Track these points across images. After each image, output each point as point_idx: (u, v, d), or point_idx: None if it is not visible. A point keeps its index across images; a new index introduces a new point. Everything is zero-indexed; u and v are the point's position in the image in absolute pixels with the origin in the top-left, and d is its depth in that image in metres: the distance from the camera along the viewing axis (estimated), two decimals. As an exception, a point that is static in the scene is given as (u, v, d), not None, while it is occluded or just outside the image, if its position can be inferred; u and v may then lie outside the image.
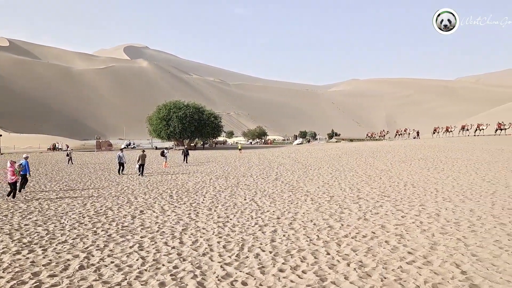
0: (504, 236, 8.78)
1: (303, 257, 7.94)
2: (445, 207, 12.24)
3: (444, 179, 18.56)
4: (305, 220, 11.22)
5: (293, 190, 17.27)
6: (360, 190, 16.41)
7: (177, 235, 9.97)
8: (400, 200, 13.81)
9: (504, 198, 13.28)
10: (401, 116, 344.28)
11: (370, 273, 6.90)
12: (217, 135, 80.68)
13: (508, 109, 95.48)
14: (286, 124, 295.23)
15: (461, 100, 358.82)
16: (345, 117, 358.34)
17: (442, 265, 7.13)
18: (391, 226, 10.17)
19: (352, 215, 11.73)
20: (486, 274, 6.60)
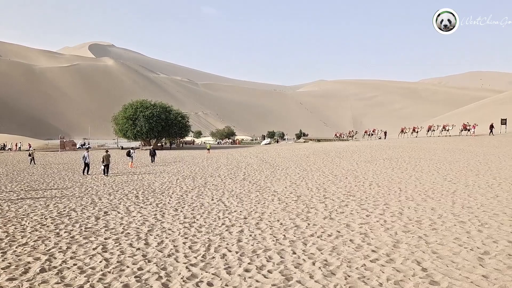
0: (464, 233, 9.05)
1: (269, 256, 7.97)
2: (408, 206, 12.52)
3: (407, 178, 18.99)
4: (272, 220, 11.27)
5: (261, 190, 17.32)
6: (327, 190, 16.60)
7: (142, 236, 9.84)
8: (365, 199, 14.04)
9: (464, 197, 13.69)
10: (367, 117, 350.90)
11: (335, 271, 6.99)
12: (185, 135, 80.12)
13: (469, 110, 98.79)
14: (255, 124, 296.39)
15: (424, 101, 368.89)
16: (312, 117, 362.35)
17: (404, 262, 7.29)
18: (356, 225, 10.33)
19: (318, 214, 11.86)
20: (445, 271, 6.79)
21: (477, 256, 7.42)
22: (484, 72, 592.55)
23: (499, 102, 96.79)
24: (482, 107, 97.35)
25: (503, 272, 6.57)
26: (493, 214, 10.82)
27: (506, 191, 14.28)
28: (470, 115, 78.11)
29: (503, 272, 6.59)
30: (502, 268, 6.78)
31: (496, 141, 38.96)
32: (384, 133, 69.22)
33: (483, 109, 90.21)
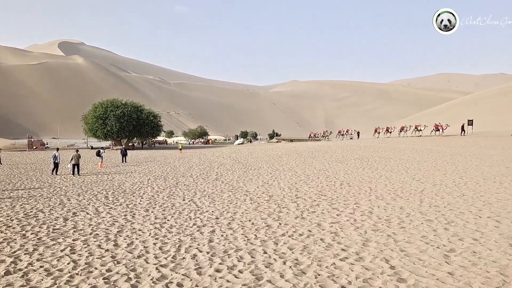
0: (430, 232, 9.26)
1: (240, 256, 7.97)
2: (377, 205, 12.72)
3: (377, 178, 19.29)
4: (244, 220, 11.27)
5: (233, 190, 17.29)
6: (299, 190, 16.70)
7: (111, 237, 9.68)
8: (336, 199, 14.19)
9: (431, 196, 14.00)
10: (339, 117, 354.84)
11: (305, 270, 7.04)
12: (157, 134, 79.23)
13: (438, 111, 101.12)
14: (228, 124, 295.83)
15: (395, 102, 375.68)
16: (285, 117, 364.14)
17: (373, 260, 7.40)
18: (327, 224, 10.43)
19: (290, 214, 11.92)
20: (412, 268, 6.92)
21: (443, 254, 7.61)
22: (451, 74, 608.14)
23: (466, 104, 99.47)
24: (450, 108, 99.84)
25: (468, 269, 6.74)
26: (459, 213, 11.10)
27: (472, 190, 14.67)
28: (439, 116, 79.95)
29: (468, 269, 6.77)
30: (467, 265, 6.96)
31: (463, 142, 40.02)
32: (357, 133, 70.08)
33: (451, 110, 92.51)
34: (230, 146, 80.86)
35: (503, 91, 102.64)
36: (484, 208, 11.52)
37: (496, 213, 10.86)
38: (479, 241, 8.36)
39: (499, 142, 36.77)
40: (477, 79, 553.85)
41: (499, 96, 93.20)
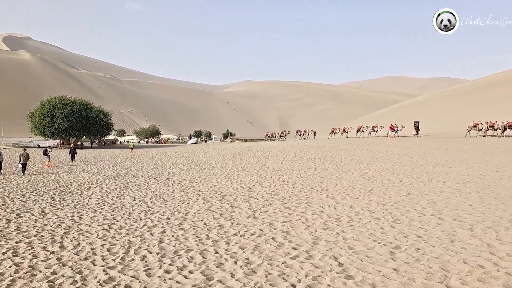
0: (378, 229, 9.53)
1: (191, 257, 7.89)
2: (328, 204, 12.97)
3: (328, 177, 19.66)
4: (196, 220, 11.17)
5: (185, 190, 17.12)
6: (252, 189, 16.76)
7: (57, 239, 9.34)
8: (288, 198, 14.34)
9: (380, 194, 14.43)
10: (293, 118, 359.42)
11: (256, 269, 7.07)
12: (107, 133, 77.29)
13: (388, 113, 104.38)
14: (181, 123, 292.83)
15: (346, 103, 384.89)
16: (239, 117, 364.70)
17: (322, 258, 7.54)
18: (279, 223, 10.52)
19: (243, 213, 11.94)
20: (360, 265, 7.10)
21: (389, 251, 7.85)
22: (400, 77, 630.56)
23: (413, 106, 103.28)
24: (399, 110, 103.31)
25: (412, 265, 6.99)
26: (405, 211, 11.50)
27: (417, 189, 15.23)
28: (388, 117, 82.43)
29: (412, 265, 7.02)
30: (411, 261, 7.21)
31: (409, 142, 41.48)
32: (313, 133, 70.98)
33: (400, 112, 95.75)
34: (184, 146, 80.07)
35: (448, 94, 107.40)
36: (428, 206, 11.98)
37: (439, 211, 11.33)
38: (422, 238, 8.69)
39: (444, 143, 38.41)
40: (423, 82, 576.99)
41: (444, 99, 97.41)
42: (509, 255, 7.35)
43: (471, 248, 7.85)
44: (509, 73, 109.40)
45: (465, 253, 7.54)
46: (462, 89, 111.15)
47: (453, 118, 69.29)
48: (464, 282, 6.20)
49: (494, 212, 10.85)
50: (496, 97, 78.24)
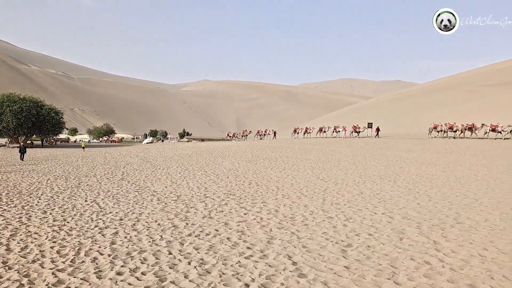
0: (331, 228, 9.73)
1: (144, 258, 7.77)
2: (283, 204, 13.10)
3: (284, 177, 19.86)
4: (150, 221, 11.00)
5: (140, 190, 16.81)
6: (208, 189, 16.68)
7: (3, 242, 8.96)
8: (244, 198, 14.38)
9: (334, 194, 14.72)
10: (250, 118, 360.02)
11: (210, 270, 7.05)
12: (58, 132, 74.69)
13: (343, 114, 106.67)
14: (136, 122, 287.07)
15: (303, 104, 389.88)
16: (196, 117, 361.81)
17: (277, 257, 7.61)
18: (234, 223, 10.53)
19: (198, 213, 11.86)
20: (313, 263, 7.23)
21: (341, 249, 8.04)
22: (354, 79, 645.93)
23: (367, 107, 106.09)
24: (353, 111, 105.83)
25: (362, 263, 7.19)
26: (357, 210, 11.80)
27: (369, 189, 15.66)
28: (344, 118, 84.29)
29: (362, 262, 7.22)
30: (362, 258, 7.42)
31: (363, 143, 42.59)
32: (274, 133, 71.39)
33: (354, 113, 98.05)
34: (139, 145, 78.62)
35: (400, 96, 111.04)
36: (379, 205, 12.35)
37: (389, 209, 11.70)
38: (373, 236, 8.95)
39: (396, 144, 39.67)
40: (376, 84, 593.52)
41: (395, 101, 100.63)
42: (454, 251, 7.70)
43: (418, 245, 8.17)
44: (454, 77, 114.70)
45: (412, 250, 7.83)
46: (413, 92, 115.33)
47: (405, 120, 71.75)
48: (411, 278, 6.44)
49: (441, 211, 11.32)
50: (445, 100, 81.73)
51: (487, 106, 67.84)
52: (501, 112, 62.05)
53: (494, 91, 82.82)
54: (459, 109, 69.94)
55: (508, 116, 54.43)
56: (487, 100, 74.79)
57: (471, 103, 75.08)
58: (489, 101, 72.97)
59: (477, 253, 7.55)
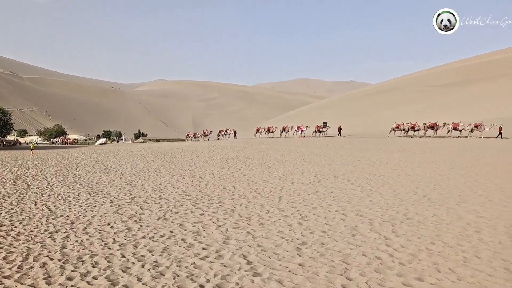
0: (286, 226, 9.84)
1: (95, 262, 7.58)
2: (240, 203, 13.12)
3: (241, 177, 19.88)
4: (102, 224, 10.73)
5: (92, 192, 16.37)
6: (163, 190, 16.46)
7: None
8: (200, 199, 14.28)
9: (289, 193, 14.88)
10: (207, 118, 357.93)
11: (164, 272, 6.97)
12: (6, 133, 71.70)
13: (299, 114, 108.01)
14: (89, 123, 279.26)
15: (259, 104, 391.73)
16: (152, 117, 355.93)
17: (232, 257, 7.62)
18: (189, 224, 10.44)
19: (152, 215, 11.68)
20: (268, 262, 7.29)
21: (296, 247, 8.14)
22: (309, 79, 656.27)
23: (322, 107, 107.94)
24: (309, 111, 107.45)
25: (316, 260, 7.32)
26: (312, 208, 11.99)
27: (324, 187, 15.95)
28: (300, 118, 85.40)
29: (316, 259, 7.34)
30: (316, 256, 7.55)
31: (318, 143, 43.31)
32: (234, 133, 71.11)
33: (310, 113, 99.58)
34: (92, 146, 76.52)
35: (353, 97, 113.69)
36: (333, 203, 12.60)
37: (343, 207, 11.96)
38: (327, 233, 9.12)
39: (350, 143, 40.58)
40: (330, 85, 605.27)
41: (349, 101, 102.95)
42: (403, 246, 7.98)
43: (370, 241, 8.40)
44: (404, 78, 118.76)
45: (364, 246, 8.05)
46: (366, 92, 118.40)
47: (358, 120, 73.50)
48: (362, 273, 6.62)
49: (391, 207, 11.69)
50: (397, 100, 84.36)
51: (436, 106, 70.71)
52: (449, 112, 64.82)
53: (441, 92, 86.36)
54: (411, 109, 72.50)
55: (455, 116, 56.93)
56: (435, 100, 77.97)
57: (420, 103, 78.01)
58: (438, 101, 76.09)
59: (424, 247, 7.86)
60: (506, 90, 78.00)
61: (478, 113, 61.06)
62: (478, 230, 8.99)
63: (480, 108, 67.78)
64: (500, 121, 44.44)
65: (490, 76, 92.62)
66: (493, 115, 56.12)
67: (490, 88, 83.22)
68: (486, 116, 55.05)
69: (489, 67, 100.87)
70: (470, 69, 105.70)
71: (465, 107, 70.04)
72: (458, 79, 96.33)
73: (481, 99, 75.99)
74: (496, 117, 51.59)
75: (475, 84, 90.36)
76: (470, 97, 79.32)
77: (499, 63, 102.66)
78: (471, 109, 66.84)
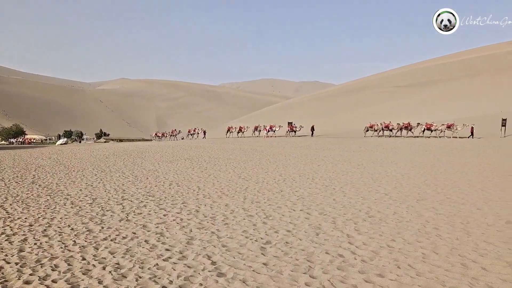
0: (251, 226, 9.86)
1: (55, 265, 7.37)
2: (204, 204, 13.05)
3: (206, 177, 19.78)
4: (62, 226, 10.44)
5: (52, 194, 15.90)
6: (125, 191, 16.17)
7: None
8: (164, 199, 14.11)
9: (254, 192, 14.92)
10: (172, 117, 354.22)
11: (126, 274, 6.84)
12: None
13: (265, 113, 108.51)
14: (49, 123, 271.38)
15: (225, 104, 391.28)
16: (114, 116, 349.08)
17: (196, 258, 7.57)
18: (153, 225, 10.30)
19: (115, 217, 11.46)
20: (232, 262, 7.28)
21: (260, 246, 8.17)
22: (275, 79, 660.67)
23: (288, 107, 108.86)
24: (275, 111, 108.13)
25: (280, 259, 7.36)
26: (277, 207, 12.06)
27: (289, 186, 16.07)
28: (267, 117, 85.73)
29: (280, 258, 7.39)
30: (280, 255, 7.59)
31: (284, 142, 43.62)
32: (203, 132, 70.48)
33: (276, 113, 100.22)
34: (52, 146, 74.37)
35: (318, 97, 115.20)
36: (298, 202, 12.72)
37: (307, 206, 12.09)
38: (291, 232, 9.19)
39: (316, 143, 41.07)
40: (296, 85, 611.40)
41: (314, 102, 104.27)
42: (365, 243, 8.14)
43: (333, 239, 8.53)
44: (365, 79, 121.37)
45: (327, 244, 8.16)
46: (331, 92, 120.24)
47: (323, 120, 74.52)
48: (325, 271, 6.71)
49: (354, 205, 11.91)
50: (361, 101, 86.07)
51: (398, 106, 72.52)
52: (410, 112, 66.63)
53: (403, 93, 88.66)
54: (374, 109, 74.05)
55: (417, 116, 58.56)
56: (397, 101, 79.98)
57: (382, 103, 79.85)
58: (400, 102, 78.08)
59: (386, 244, 8.04)
60: (467, 90, 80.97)
61: (440, 114, 63.08)
62: (437, 227, 9.27)
63: (440, 108, 70.05)
64: (466, 121, 45.88)
65: (452, 77, 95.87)
66: (454, 115, 57.97)
67: (451, 88, 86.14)
68: (447, 116, 56.82)
69: (452, 68, 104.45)
70: (432, 70, 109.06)
71: (427, 107, 72.21)
72: (422, 80, 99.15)
73: (443, 99, 78.54)
74: (457, 117, 53.26)
75: (437, 84, 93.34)
76: (432, 97, 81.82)
77: (462, 64, 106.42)
78: (432, 109, 68.98)
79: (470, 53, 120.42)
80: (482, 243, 8.01)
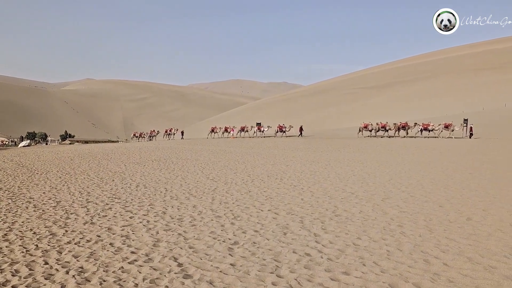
0: (219, 227, 9.82)
1: (15, 270, 7.14)
2: (171, 205, 12.91)
3: (173, 178, 19.59)
4: (24, 230, 10.14)
5: (14, 197, 15.41)
6: (90, 194, 15.83)
7: None
8: (130, 201, 13.89)
9: (223, 193, 14.87)
10: (139, 118, 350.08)
11: (90, 278, 6.69)
12: None
13: (234, 114, 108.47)
14: (11, 124, 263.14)
15: (193, 104, 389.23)
16: (80, 117, 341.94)
17: (162, 260, 7.47)
18: (118, 227, 10.12)
19: (79, 220, 11.20)
20: (199, 263, 7.22)
21: (228, 247, 8.14)
22: (243, 80, 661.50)
23: (256, 108, 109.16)
24: (244, 111, 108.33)
25: (248, 259, 7.36)
26: (245, 208, 12.05)
27: (257, 187, 16.09)
28: (236, 118, 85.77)
29: (248, 258, 7.39)
30: (247, 255, 7.59)
31: (252, 143, 43.69)
32: (181, 133, 69.73)
33: (245, 113, 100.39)
34: (14, 149, 72.12)
35: (286, 98, 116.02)
36: (266, 202, 12.75)
37: (275, 206, 12.13)
38: (259, 232, 9.21)
39: (283, 143, 41.31)
40: (264, 86, 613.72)
41: (283, 102, 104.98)
42: (331, 242, 8.23)
43: (300, 238, 8.59)
44: (334, 80, 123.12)
45: (295, 244, 8.21)
46: (300, 93, 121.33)
47: (291, 120, 75.10)
48: (292, 270, 6.75)
49: (321, 205, 12.04)
50: (329, 101, 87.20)
51: (365, 107, 73.85)
52: (377, 113, 68.01)
53: (369, 94, 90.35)
54: (344, 109, 75.13)
55: (382, 116, 59.78)
56: (363, 102, 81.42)
57: (350, 104, 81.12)
58: (366, 102, 79.52)
59: (351, 243, 8.16)
60: (432, 91, 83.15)
61: (405, 114, 64.58)
62: (401, 225, 9.47)
63: (407, 108, 71.75)
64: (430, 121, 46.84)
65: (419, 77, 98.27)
66: (420, 115, 59.43)
67: (417, 89, 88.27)
68: (414, 116, 58.17)
69: (416, 69, 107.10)
70: (396, 72, 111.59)
71: (392, 108, 73.84)
72: (386, 81, 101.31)
73: (409, 99, 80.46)
74: (424, 117, 54.47)
75: (401, 85, 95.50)
76: (396, 98, 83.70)
77: (427, 65, 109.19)
78: (398, 110, 70.57)
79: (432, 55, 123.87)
80: (444, 239, 8.23)
